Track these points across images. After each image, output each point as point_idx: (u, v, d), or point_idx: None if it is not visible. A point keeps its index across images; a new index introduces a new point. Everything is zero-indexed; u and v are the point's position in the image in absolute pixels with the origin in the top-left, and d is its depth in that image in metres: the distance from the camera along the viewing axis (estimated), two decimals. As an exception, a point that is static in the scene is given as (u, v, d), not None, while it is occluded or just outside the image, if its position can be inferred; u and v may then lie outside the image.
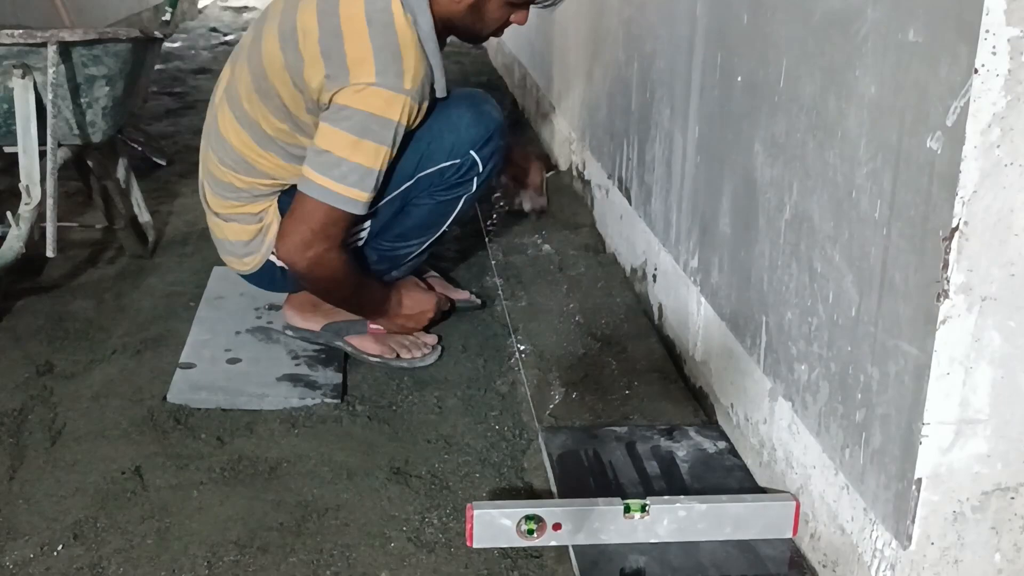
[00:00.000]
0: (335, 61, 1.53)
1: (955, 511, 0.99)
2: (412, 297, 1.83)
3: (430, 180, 1.71)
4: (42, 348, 1.84)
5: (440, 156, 1.68)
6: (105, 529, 1.32)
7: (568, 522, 1.23)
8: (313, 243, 1.58)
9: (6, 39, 1.80)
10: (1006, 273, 0.92)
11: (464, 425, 1.60)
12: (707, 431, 1.51)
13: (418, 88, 1.56)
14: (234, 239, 1.77)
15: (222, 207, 1.76)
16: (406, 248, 1.79)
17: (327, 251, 1.60)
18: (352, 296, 1.73)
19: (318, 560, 1.27)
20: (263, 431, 1.56)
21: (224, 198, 1.74)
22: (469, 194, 1.75)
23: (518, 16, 1.67)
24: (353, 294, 1.72)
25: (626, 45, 2.12)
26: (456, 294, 2.03)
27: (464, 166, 1.70)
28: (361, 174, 1.55)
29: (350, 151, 1.53)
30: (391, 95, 1.52)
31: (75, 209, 2.54)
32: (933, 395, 0.95)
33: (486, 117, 1.72)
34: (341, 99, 1.53)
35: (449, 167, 1.70)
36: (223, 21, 6.81)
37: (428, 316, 1.83)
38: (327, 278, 1.65)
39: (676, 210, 1.76)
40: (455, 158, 1.69)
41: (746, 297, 1.41)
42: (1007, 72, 0.85)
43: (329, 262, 1.61)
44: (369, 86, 1.52)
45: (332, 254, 1.61)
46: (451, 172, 1.70)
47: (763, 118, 1.33)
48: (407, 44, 1.54)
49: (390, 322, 1.81)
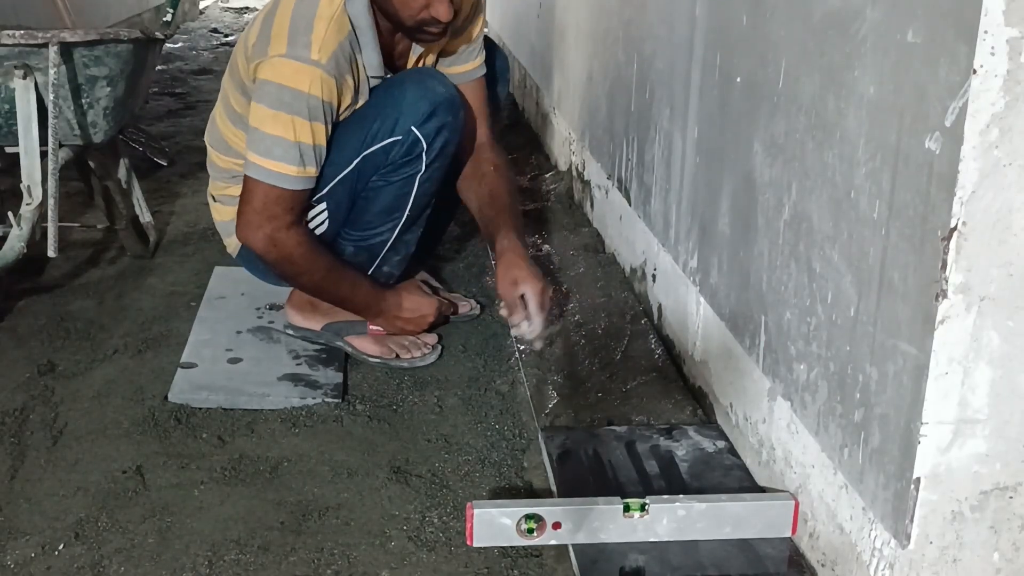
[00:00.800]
0: (262, 37, 1.59)
1: (954, 511, 0.99)
2: (413, 299, 1.82)
3: (375, 160, 1.68)
4: (43, 348, 1.84)
5: (383, 134, 1.66)
6: (106, 528, 1.32)
7: (568, 521, 1.24)
8: (261, 223, 1.60)
9: (7, 40, 1.81)
10: (1005, 273, 0.92)
11: (464, 425, 1.60)
12: (706, 430, 1.52)
13: (330, 61, 1.56)
14: (224, 220, 1.83)
15: (215, 189, 1.85)
16: (377, 236, 1.77)
17: (276, 230, 1.60)
18: (329, 286, 1.71)
19: (319, 559, 1.27)
20: (264, 431, 1.57)
21: (215, 179, 1.84)
22: (420, 173, 1.70)
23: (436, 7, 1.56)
24: (328, 283, 1.70)
25: (626, 45, 2.13)
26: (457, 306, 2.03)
27: (407, 142, 1.66)
28: (284, 147, 1.57)
29: (270, 124, 1.56)
30: (299, 65, 1.54)
31: (76, 209, 2.55)
32: (932, 395, 0.95)
33: (429, 92, 1.66)
34: (260, 73, 1.58)
35: (392, 144, 1.66)
36: (224, 22, 6.81)
37: (428, 320, 1.83)
38: (285, 260, 1.64)
39: (675, 210, 1.76)
40: (397, 135, 1.65)
41: (745, 297, 1.41)
42: (1006, 72, 0.85)
43: (282, 242, 1.61)
44: (279, 57, 1.55)
45: (283, 234, 1.61)
46: (395, 150, 1.67)
47: (762, 118, 1.33)
48: (322, 16, 1.56)
49: (389, 323, 1.81)
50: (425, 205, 1.79)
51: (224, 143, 1.77)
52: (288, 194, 1.60)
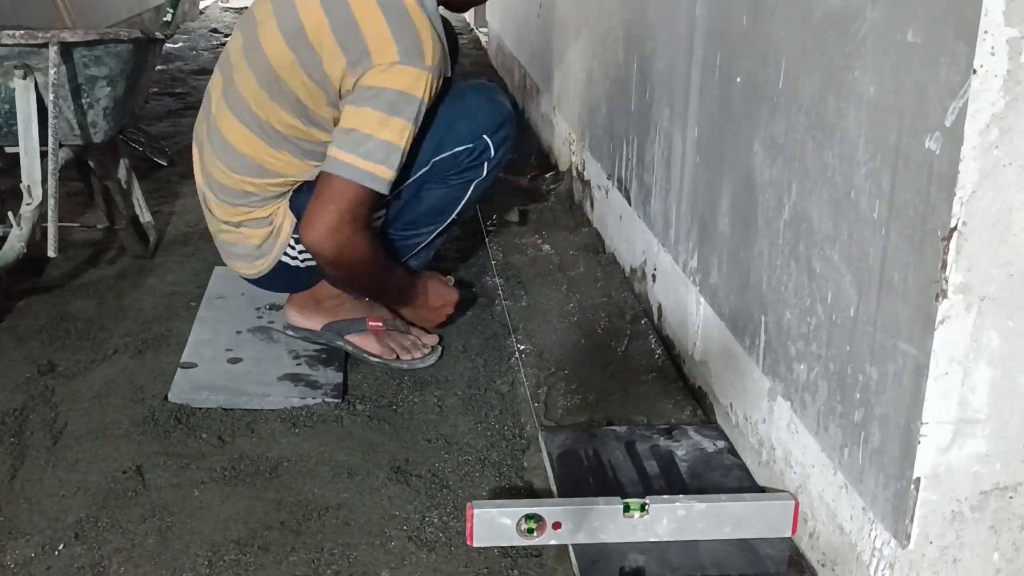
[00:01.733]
0: (355, 48, 1.55)
1: (954, 510, 1.00)
2: (437, 290, 1.86)
3: (444, 165, 1.73)
4: (43, 348, 1.84)
5: (455, 141, 1.72)
6: (106, 528, 1.32)
7: (568, 521, 1.24)
8: (341, 225, 1.57)
9: (7, 40, 1.81)
10: (1005, 273, 0.92)
11: (464, 425, 1.60)
12: (706, 430, 1.52)
13: (437, 64, 1.59)
14: (245, 244, 1.76)
15: (232, 215, 1.74)
16: (416, 237, 1.81)
17: (354, 232, 1.59)
18: (381, 282, 1.74)
19: (319, 559, 1.27)
20: (264, 431, 1.57)
21: (233, 205, 1.73)
22: (479, 179, 1.77)
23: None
24: (382, 279, 1.73)
25: (626, 45, 2.13)
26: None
27: (477, 150, 1.73)
28: (387, 151, 1.56)
29: (377, 128, 1.55)
30: (416, 71, 1.55)
31: (76, 209, 2.55)
32: (932, 395, 0.95)
33: (499, 105, 1.78)
34: (367, 80, 1.55)
35: (463, 151, 1.73)
36: (224, 22, 6.81)
37: (447, 311, 1.87)
38: (356, 262, 1.62)
39: (675, 210, 1.76)
40: (469, 142, 1.72)
41: (745, 297, 1.41)
42: (1006, 72, 0.86)
43: (357, 244, 1.60)
44: (393, 65, 1.54)
45: (359, 236, 1.60)
46: (464, 156, 1.73)
47: (762, 118, 1.33)
48: (423, 23, 1.58)
49: (415, 312, 1.84)
50: (469, 211, 1.85)
51: (258, 167, 1.68)
52: (376, 197, 1.60)
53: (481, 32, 5.61)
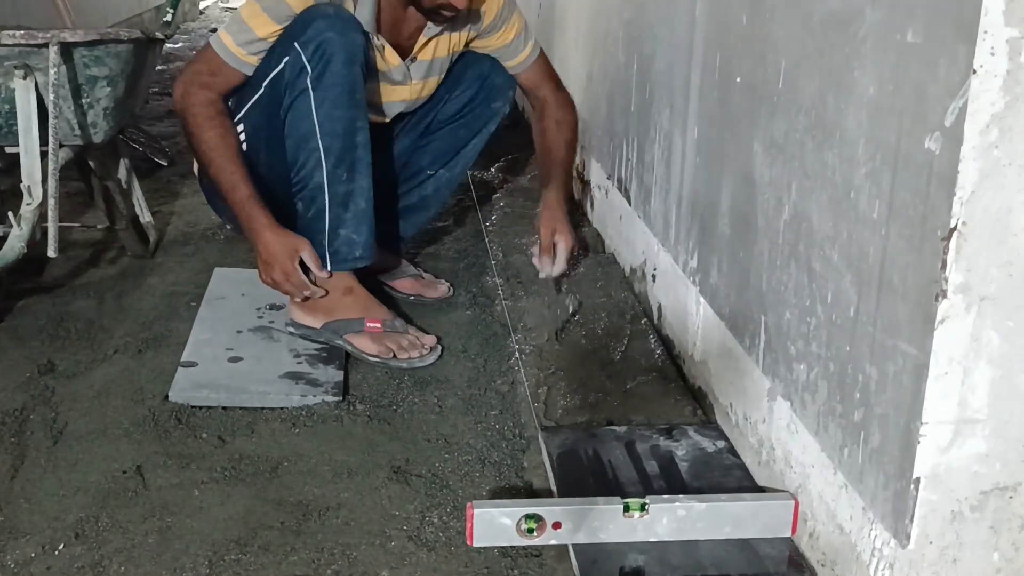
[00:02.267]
0: None
1: (954, 510, 1.00)
2: (275, 247, 1.75)
3: (276, 87, 1.78)
4: (43, 348, 1.84)
5: (279, 57, 1.77)
6: (106, 528, 1.32)
7: (568, 521, 1.24)
8: (188, 77, 1.78)
9: (7, 40, 1.81)
10: (1004, 273, 0.92)
11: (464, 424, 1.60)
12: (706, 430, 1.52)
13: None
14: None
15: None
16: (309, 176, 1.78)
17: (193, 84, 1.77)
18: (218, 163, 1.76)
19: (319, 559, 1.27)
20: (264, 430, 1.57)
21: None
22: (311, 90, 1.74)
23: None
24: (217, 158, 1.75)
25: (626, 46, 2.13)
26: (432, 291, 2.06)
27: (292, 60, 1.74)
28: (238, 24, 1.77)
29: (246, 11, 1.77)
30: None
31: (76, 209, 2.55)
32: (931, 395, 0.95)
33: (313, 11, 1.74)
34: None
35: (284, 66, 1.76)
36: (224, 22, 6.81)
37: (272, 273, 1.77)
38: (187, 112, 1.76)
39: (675, 210, 1.76)
40: (286, 55, 1.75)
41: (745, 297, 1.41)
42: (1005, 72, 0.86)
43: (193, 95, 1.76)
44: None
45: (196, 90, 1.76)
46: (287, 72, 1.75)
47: (762, 119, 1.33)
48: None
49: (255, 253, 1.79)
50: (340, 133, 1.76)
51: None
52: (221, 64, 1.78)
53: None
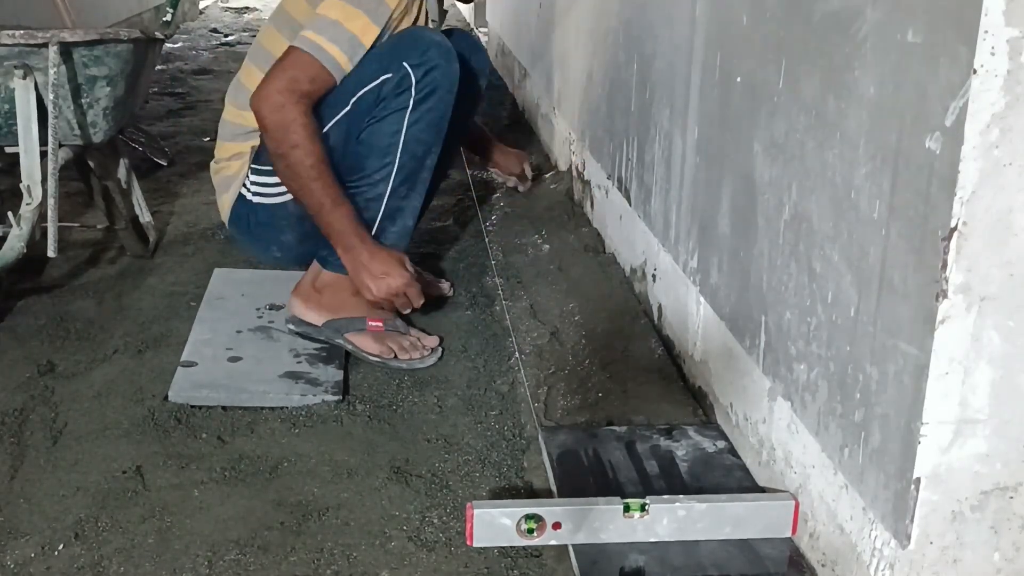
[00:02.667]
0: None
1: (954, 511, 0.99)
2: (387, 263, 1.73)
3: (368, 100, 1.75)
4: (43, 348, 1.84)
5: (375, 73, 1.74)
6: (106, 528, 1.32)
7: (568, 521, 1.24)
8: (284, 89, 1.67)
9: (7, 39, 1.81)
10: (1005, 273, 0.92)
11: (464, 425, 1.60)
12: (706, 431, 1.52)
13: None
14: (225, 175, 1.91)
15: (224, 151, 1.92)
16: (372, 186, 1.77)
17: (291, 94, 1.67)
18: (315, 183, 1.69)
19: (318, 559, 1.27)
20: (264, 431, 1.57)
21: (227, 139, 1.91)
22: (408, 110, 1.74)
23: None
24: (315, 177, 1.69)
25: (626, 45, 2.13)
26: (433, 290, 2.06)
27: (396, 78, 1.73)
28: (349, 40, 1.69)
29: (343, 16, 1.69)
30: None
31: (76, 209, 2.55)
32: (932, 395, 0.95)
33: (423, 35, 1.77)
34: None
35: (384, 82, 1.73)
36: (224, 22, 6.81)
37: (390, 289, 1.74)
38: (284, 126, 1.67)
39: (675, 210, 1.76)
40: (388, 72, 1.73)
41: (745, 297, 1.41)
42: (1006, 72, 0.86)
43: (290, 109, 1.66)
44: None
45: (295, 101, 1.67)
46: (386, 87, 1.73)
47: (762, 118, 1.33)
48: None
49: (353, 269, 1.75)
50: (419, 154, 1.78)
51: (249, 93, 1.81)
52: (323, 73, 1.69)
53: (481, 32, 5.61)
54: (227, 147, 1.92)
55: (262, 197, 1.88)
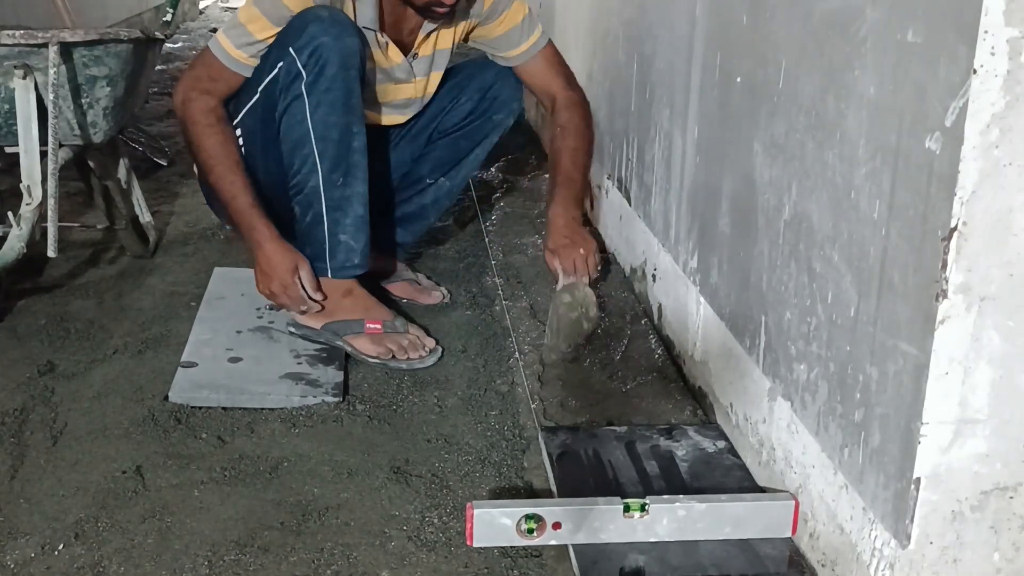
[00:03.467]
0: None
1: (954, 511, 1.00)
2: (275, 261, 1.74)
3: (271, 94, 1.77)
4: (43, 348, 1.84)
5: (272, 65, 1.76)
6: (106, 528, 1.32)
7: (568, 521, 1.24)
8: (187, 83, 1.78)
9: (7, 39, 1.81)
10: (1005, 273, 0.92)
11: (464, 425, 1.60)
12: (706, 431, 1.52)
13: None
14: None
15: None
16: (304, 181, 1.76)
17: (193, 90, 1.76)
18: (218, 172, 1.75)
19: (319, 559, 1.27)
20: (264, 431, 1.57)
21: None
22: (306, 95, 1.72)
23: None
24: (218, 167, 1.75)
25: (626, 45, 2.13)
26: (426, 298, 2.05)
27: (286, 66, 1.73)
28: (236, 27, 1.76)
29: (243, 14, 1.76)
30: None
31: (76, 209, 2.55)
32: (932, 395, 0.95)
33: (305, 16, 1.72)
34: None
35: (278, 72, 1.75)
36: (224, 22, 6.81)
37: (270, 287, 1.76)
38: (189, 120, 1.76)
39: (675, 210, 1.76)
40: (280, 61, 1.74)
41: (745, 297, 1.41)
42: (1006, 72, 0.86)
43: (193, 102, 1.76)
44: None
45: (197, 96, 1.76)
46: (281, 78, 1.75)
47: (762, 118, 1.33)
48: None
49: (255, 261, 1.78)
50: (335, 139, 1.74)
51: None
52: (219, 66, 1.77)
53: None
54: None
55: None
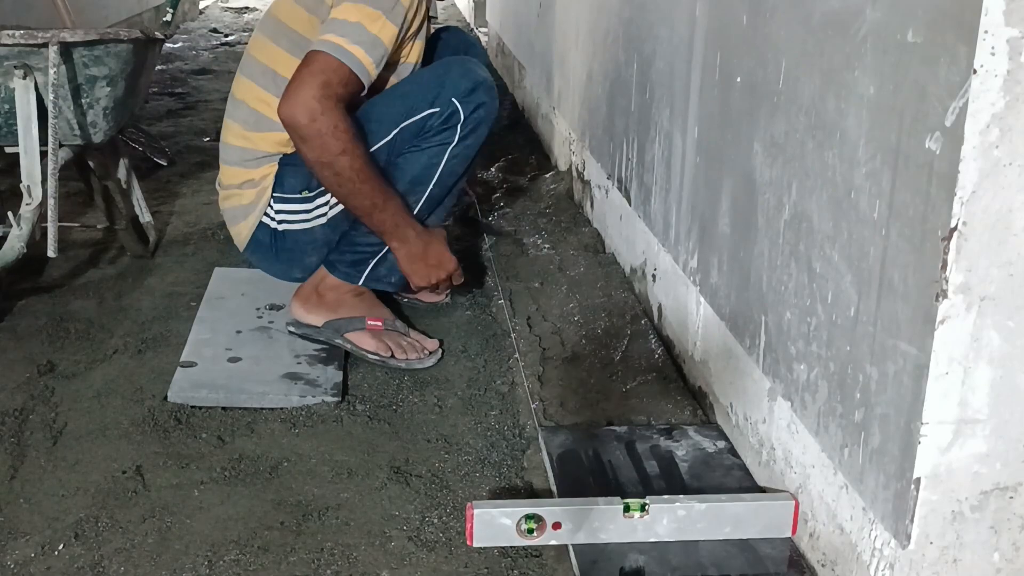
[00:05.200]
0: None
1: (954, 511, 1.00)
2: (440, 249, 1.79)
3: (412, 131, 1.75)
4: (43, 348, 1.84)
5: (423, 105, 1.73)
6: (106, 528, 1.32)
7: (568, 521, 1.24)
8: (318, 96, 1.59)
9: (7, 40, 1.81)
10: (1005, 273, 0.92)
11: (464, 425, 1.60)
12: (706, 431, 1.52)
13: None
14: (239, 204, 1.86)
15: (233, 177, 1.85)
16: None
17: (327, 98, 1.60)
18: (364, 182, 1.66)
19: (318, 559, 1.27)
20: (264, 431, 1.57)
21: (234, 165, 1.84)
22: (452, 144, 1.76)
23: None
24: (363, 177, 1.65)
25: (626, 45, 2.13)
26: (428, 297, 2.06)
27: (445, 114, 1.74)
28: (371, 40, 1.64)
29: (361, 16, 1.64)
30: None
31: (76, 209, 2.55)
32: (932, 395, 0.95)
33: (473, 72, 1.77)
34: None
35: (431, 115, 1.74)
36: (224, 22, 6.81)
37: (441, 276, 1.80)
38: (326, 132, 1.60)
39: (675, 210, 1.76)
40: (436, 107, 1.73)
41: (745, 297, 1.41)
42: (1006, 72, 0.86)
43: (330, 112, 1.60)
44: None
45: (334, 112, 1.60)
46: (433, 120, 1.74)
47: (762, 118, 1.33)
48: None
49: (407, 259, 1.76)
50: (449, 185, 1.82)
51: (257, 116, 1.80)
52: (353, 77, 1.64)
53: (481, 32, 5.61)
54: (235, 173, 1.84)
55: (288, 224, 1.83)
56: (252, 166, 1.83)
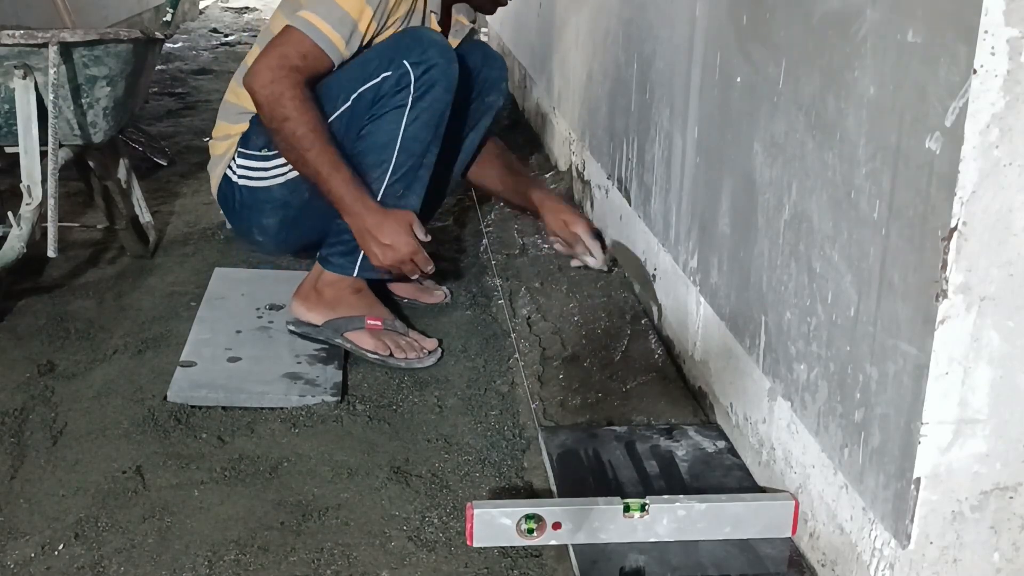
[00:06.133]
0: None
1: (954, 510, 1.00)
2: (395, 231, 1.72)
3: (369, 98, 1.76)
4: (43, 348, 1.84)
5: (378, 71, 1.75)
6: (106, 528, 1.32)
7: (568, 521, 1.24)
8: (281, 68, 1.67)
9: (7, 40, 1.81)
10: (1005, 273, 0.92)
11: (464, 425, 1.60)
12: (706, 431, 1.52)
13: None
14: (213, 155, 1.94)
15: (217, 130, 1.94)
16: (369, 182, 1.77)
17: (282, 69, 1.67)
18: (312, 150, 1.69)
19: (318, 559, 1.27)
20: (264, 431, 1.57)
21: (221, 118, 1.93)
22: (407, 107, 1.75)
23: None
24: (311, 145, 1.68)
25: (626, 45, 2.13)
26: (427, 297, 2.05)
27: (395, 76, 1.74)
28: (341, 18, 1.70)
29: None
30: None
31: (76, 209, 2.55)
32: (932, 395, 0.95)
33: (425, 35, 1.77)
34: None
35: (384, 80, 1.75)
36: (224, 22, 6.81)
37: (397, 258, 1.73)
38: (277, 100, 1.67)
39: (675, 210, 1.76)
40: (389, 70, 1.74)
41: (745, 297, 1.41)
42: (1006, 72, 0.86)
43: (282, 82, 1.67)
44: None
45: (287, 75, 1.67)
46: (387, 84, 1.75)
47: (762, 118, 1.33)
48: None
49: (361, 236, 1.74)
50: (417, 152, 1.79)
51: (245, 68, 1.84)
52: (318, 52, 1.70)
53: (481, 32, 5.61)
54: (222, 126, 1.94)
55: (246, 180, 1.89)
56: (233, 120, 1.90)
